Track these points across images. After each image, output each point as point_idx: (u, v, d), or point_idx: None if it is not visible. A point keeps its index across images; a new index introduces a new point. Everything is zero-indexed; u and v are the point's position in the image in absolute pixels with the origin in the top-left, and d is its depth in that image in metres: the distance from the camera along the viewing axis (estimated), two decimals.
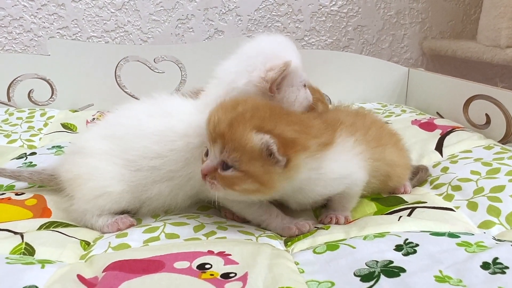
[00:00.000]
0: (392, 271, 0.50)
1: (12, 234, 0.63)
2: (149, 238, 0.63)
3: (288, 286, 0.48)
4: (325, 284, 0.49)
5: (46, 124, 1.21)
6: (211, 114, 0.62)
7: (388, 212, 0.70)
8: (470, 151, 0.88)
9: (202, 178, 0.62)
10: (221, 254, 0.56)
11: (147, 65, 1.40)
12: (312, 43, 1.62)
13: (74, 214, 0.70)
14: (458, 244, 0.55)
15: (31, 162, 0.93)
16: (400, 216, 0.66)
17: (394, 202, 0.73)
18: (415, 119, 1.13)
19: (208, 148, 0.63)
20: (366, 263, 0.52)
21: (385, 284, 0.47)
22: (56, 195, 0.78)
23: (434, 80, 1.25)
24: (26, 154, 0.98)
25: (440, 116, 1.17)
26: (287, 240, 0.66)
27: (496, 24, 1.29)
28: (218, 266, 0.53)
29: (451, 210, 0.69)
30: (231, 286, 0.48)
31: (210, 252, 0.56)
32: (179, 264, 0.53)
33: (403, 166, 0.77)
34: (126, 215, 0.71)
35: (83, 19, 1.50)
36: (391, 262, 0.52)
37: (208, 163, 0.61)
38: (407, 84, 1.39)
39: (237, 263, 0.54)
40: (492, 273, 0.48)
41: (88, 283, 0.50)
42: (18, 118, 1.23)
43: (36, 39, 1.50)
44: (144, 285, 0.48)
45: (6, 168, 0.79)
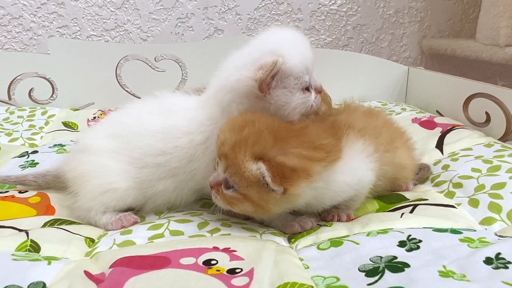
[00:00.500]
0: (396, 266, 0.50)
1: (17, 232, 0.64)
2: (153, 235, 0.64)
3: (294, 281, 0.48)
4: (330, 279, 0.50)
5: (47, 123, 1.21)
6: (221, 131, 0.62)
7: (390, 209, 0.70)
8: (470, 149, 0.88)
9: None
10: (226, 250, 0.56)
11: (147, 63, 1.41)
12: (312, 42, 1.63)
13: (78, 211, 0.71)
14: (461, 240, 0.56)
15: (33, 161, 0.93)
16: (403, 213, 0.67)
17: (396, 200, 0.74)
18: (415, 118, 1.13)
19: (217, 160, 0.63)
20: (370, 259, 0.53)
21: (390, 279, 0.48)
22: (59, 193, 0.78)
23: (434, 79, 1.26)
24: (27, 152, 0.98)
25: (440, 115, 1.17)
26: (291, 237, 0.66)
27: (495, 23, 1.30)
28: (224, 262, 0.53)
29: (452, 207, 0.70)
30: (238, 281, 0.49)
31: (216, 249, 0.57)
32: (185, 260, 0.53)
33: (411, 168, 0.78)
34: (130, 212, 0.71)
35: (83, 18, 1.50)
36: (395, 257, 0.52)
37: (215, 177, 0.63)
38: (407, 83, 1.39)
39: (242, 259, 0.54)
40: (495, 268, 0.49)
41: (95, 279, 0.51)
42: (19, 117, 1.23)
43: (35, 38, 1.50)
44: (151, 280, 0.49)
45: (10, 175, 0.79)
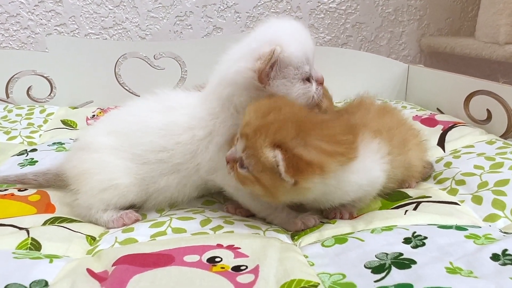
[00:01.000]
0: (403, 263, 0.50)
1: (18, 230, 0.63)
2: (156, 232, 0.63)
3: (301, 278, 0.48)
4: (336, 276, 0.49)
5: (46, 121, 1.20)
6: (248, 111, 0.62)
7: (393, 207, 0.70)
8: (472, 146, 0.88)
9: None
10: (230, 248, 0.56)
11: (147, 61, 1.40)
12: None
13: (78, 209, 0.70)
14: (466, 236, 0.56)
15: (32, 159, 0.92)
16: (406, 210, 0.67)
17: (399, 197, 0.73)
18: (416, 115, 1.13)
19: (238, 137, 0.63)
20: (376, 255, 0.52)
21: (396, 275, 0.48)
22: (59, 191, 0.77)
23: (434, 76, 1.26)
24: (26, 150, 0.97)
25: (441, 112, 1.17)
26: (294, 234, 0.66)
27: (494, 21, 1.30)
28: (228, 259, 0.53)
29: (455, 204, 0.70)
30: (243, 278, 0.48)
31: (219, 246, 0.56)
32: (188, 258, 0.53)
33: (420, 168, 0.78)
34: (131, 210, 0.70)
35: (81, 16, 1.49)
36: (401, 254, 0.52)
37: (232, 152, 0.63)
38: (407, 81, 1.39)
39: (247, 256, 0.54)
40: (502, 264, 0.49)
41: (98, 277, 0.50)
42: (17, 115, 1.22)
43: (33, 36, 1.49)
44: (156, 278, 0.48)
45: (9, 174, 0.78)
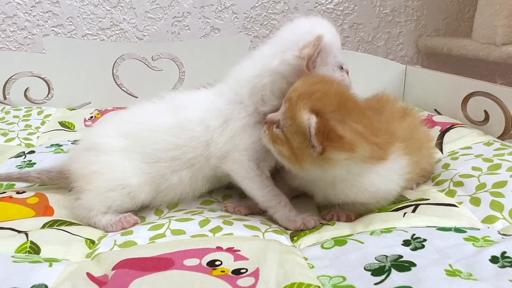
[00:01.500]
0: (403, 265, 0.50)
1: (16, 233, 0.63)
2: (155, 235, 0.63)
3: (301, 281, 0.48)
4: (336, 278, 0.49)
5: (43, 123, 1.20)
6: (298, 81, 0.65)
7: (392, 209, 0.70)
8: (470, 148, 0.88)
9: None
10: (230, 250, 0.56)
11: (144, 62, 1.40)
12: None
13: (78, 210, 0.70)
14: (465, 238, 0.56)
15: (30, 161, 0.91)
16: (405, 213, 0.67)
17: (397, 200, 0.73)
18: None
19: None
20: (375, 258, 0.52)
21: (396, 278, 0.48)
22: (58, 193, 0.77)
23: (431, 77, 1.26)
24: (24, 152, 0.97)
25: (438, 113, 1.17)
26: (293, 235, 0.66)
27: (491, 22, 1.30)
28: (228, 262, 0.52)
29: (454, 206, 0.70)
30: (243, 282, 0.48)
31: (219, 248, 0.56)
32: (188, 262, 0.52)
33: (429, 173, 0.79)
34: (129, 213, 0.70)
35: (78, 16, 1.49)
36: (401, 256, 0.52)
37: (274, 115, 0.65)
38: (404, 82, 1.39)
39: (247, 259, 0.53)
40: (501, 266, 0.49)
41: (98, 281, 0.50)
42: (14, 117, 1.21)
43: (30, 37, 1.48)
44: (156, 282, 0.48)
45: (13, 171, 0.79)
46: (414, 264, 0.50)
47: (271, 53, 0.71)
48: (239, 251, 0.56)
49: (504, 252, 0.51)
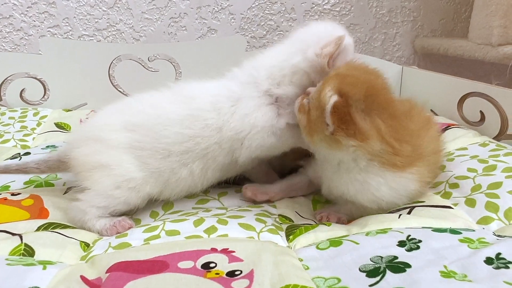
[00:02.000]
0: (397, 266, 0.50)
1: (11, 236, 0.62)
2: (149, 236, 0.63)
3: (296, 283, 0.48)
4: (331, 280, 0.49)
5: (39, 124, 1.20)
6: (344, 64, 0.69)
7: (388, 211, 0.70)
8: (466, 148, 0.88)
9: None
10: (224, 251, 0.55)
11: (141, 63, 1.39)
12: None
13: (73, 212, 0.69)
14: (461, 240, 0.56)
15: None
16: (400, 214, 0.67)
17: None
18: None
19: None
20: (370, 259, 0.52)
21: (391, 279, 0.48)
22: (53, 195, 0.77)
23: (428, 78, 1.26)
24: (20, 154, 0.97)
25: (435, 114, 1.18)
26: (288, 234, 0.65)
27: (487, 22, 1.30)
28: (223, 264, 0.52)
29: (449, 207, 0.70)
30: (238, 284, 0.48)
31: (214, 250, 0.56)
32: (183, 264, 0.52)
33: (435, 179, 0.78)
34: (124, 217, 0.70)
35: (75, 17, 1.48)
36: (396, 257, 0.52)
37: (312, 88, 0.69)
38: (400, 82, 1.40)
39: (241, 260, 0.53)
40: (496, 268, 0.49)
41: (92, 284, 0.50)
42: (10, 118, 1.21)
43: (26, 37, 1.48)
44: (150, 285, 0.48)
45: (11, 163, 0.78)
46: (409, 265, 0.50)
47: (292, 50, 0.73)
48: (234, 252, 0.55)
49: (499, 253, 0.51)
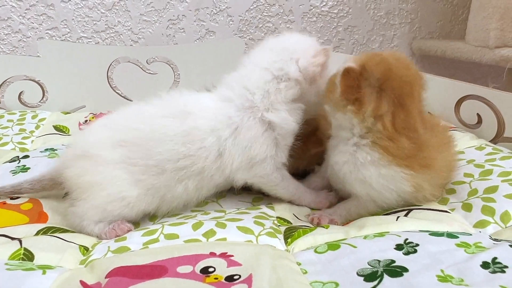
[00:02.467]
0: (395, 270, 0.50)
1: (10, 240, 0.63)
2: (148, 240, 0.63)
3: None
4: (329, 284, 0.50)
5: (38, 127, 1.19)
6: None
7: (385, 213, 0.71)
8: (462, 152, 0.88)
9: None
10: (223, 256, 0.56)
11: (139, 66, 1.40)
12: None
13: (71, 217, 0.69)
14: (457, 244, 0.56)
15: (24, 166, 0.91)
16: (398, 217, 0.67)
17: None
18: None
19: None
20: (368, 263, 0.53)
21: (389, 283, 0.48)
22: (52, 199, 0.77)
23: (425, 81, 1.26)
24: (18, 157, 0.96)
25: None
26: (287, 236, 0.66)
27: (484, 25, 1.31)
28: (222, 269, 0.53)
29: (446, 212, 0.70)
30: None
31: (212, 254, 0.56)
32: (182, 269, 0.53)
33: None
34: (123, 220, 0.70)
35: (73, 19, 1.48)
36: (393, 261, 0.52)
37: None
38: None
39: (240, 265, 0.54)
40: (492, 272, 0.49)
41: None
42: (8, 121, 1.20)
43: (24, 40, 1.48)
44: None
45: (5, 185, 0.77)
46: (406, 269, 0.50)
47: (281, 59, 0.73)
48: (232, 256, 0.56)
49: (495, 258, 0.51)
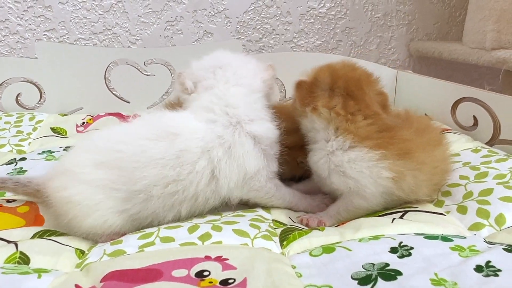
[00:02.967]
0: (389, 274, 0.51)
1: (6, 243, 0.63)
2: (144, 243, 0.63)
3: None
4: None
5: (35, 129, 1.20)
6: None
7: (380, 214, 0.71)
8: (458, 155, 0.89)
9: None
10: (218, 259, 0.56)
11: (137, 67, 1.40)
12: (301, 45, 1.63)
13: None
14: (452, 248, 0.56)
15: (21, 168, 0.91)
16: (393, 219, 0.67)
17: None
18: None
19: None
20: (362, 266, 0.53)
21: (383, 287, 0.48)
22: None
23: (422, 82, 1.27)
24: (15, 159, 0.97)
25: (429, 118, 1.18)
26: (283, 239, 0.66)
27: (481, 27, 1.32)
28: (217, 272, 0.53)
29: (441, 214, 0.70)
30: None
31: (207, 258, 0.56)
32: (177, 272, 0.53)
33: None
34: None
35: (71, 21, 1.49)
36: (387, 264, 0.53)
37: None
38: (395, 86, 1.40)
39: (235, 268, 0.54)
40: (485, 275, 0.49)
41: None
42: (6, 123, 1.21)
43: (22, 41, 1.48)
44: None
45: None
46: (400, 273, 0.51)
47: (246, 75, 0.78)
48: (227, 259, 0.56)
49: (489, 261, 0.52)
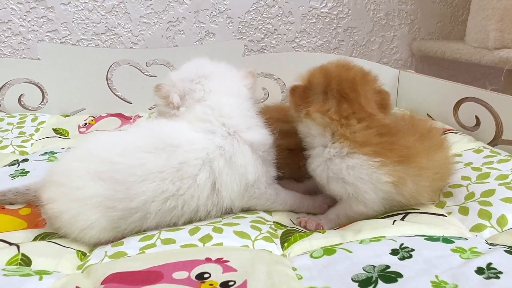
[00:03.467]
0: (389, 276, 0.50)
1: (8, 245, 0.63)
2: (145, 245, 0.63)
3: None
4: None
5: (37, 130, 1.20)
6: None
7: (381, 216, 0.71)
8: (460, 155, 0.88)
9: None
10: (219, 261, 0.56)
11: (138, 68, 1.40)
12: (303, 45, 1.63)
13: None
14: (453, 250, 0.56)
15: (24, 169, 0.91)
16: (394, 220, 0.67)
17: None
18: None
19: None
20: (363, 268, 0.53)
21: None
22: None
23: (424, 82, 1.27)
24: (18, 160, 0.97)
25: (431, 118, 1.18)
26: (283, 241, 0.66)
27: (484, 26, 1.31)
28: (217, 274, 0.53)
29: (443, 215, 0.70)
30: None
31: (208, 260, 0.56)
32: (177, 275, 0.53)
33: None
34: None
35: (73, 22, 1.49)
36: (388, 266, 0.53)
37: None
38: (397, 86, 1.40)
39: (235, 270, 0.54)
40: (486, 277, 0.49)
41: None
42: (8, 124, 1.21)
43: (25, 42, 1.48)
44: None
45: None
46: (401, 275, 0.51)
47: (231, 83, 0.79)
48: (228, 261, 0.56)
49: (490, 263, 0.51)
